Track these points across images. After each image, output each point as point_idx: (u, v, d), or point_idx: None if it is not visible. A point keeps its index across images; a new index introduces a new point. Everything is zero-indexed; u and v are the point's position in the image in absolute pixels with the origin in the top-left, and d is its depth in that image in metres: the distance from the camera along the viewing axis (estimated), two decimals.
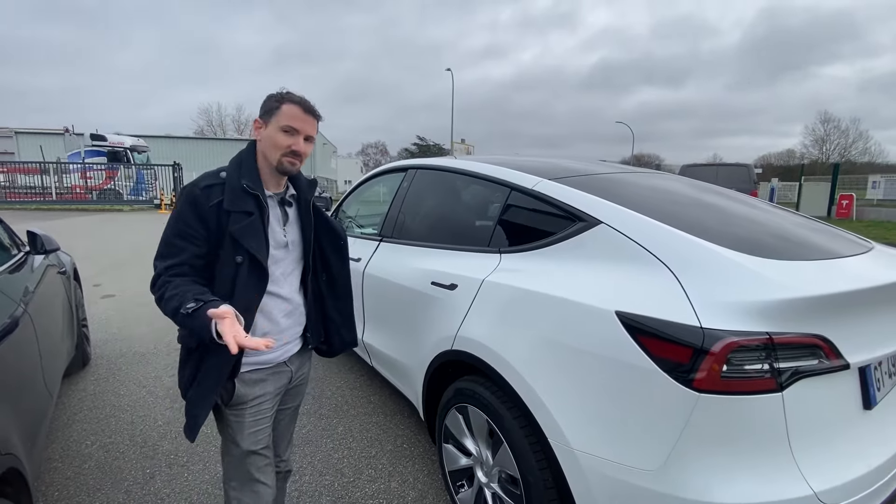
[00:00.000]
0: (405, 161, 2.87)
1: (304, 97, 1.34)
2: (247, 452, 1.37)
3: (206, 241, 1.25)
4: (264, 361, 1.38)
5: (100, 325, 4.39)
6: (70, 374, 3.25)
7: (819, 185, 17.05)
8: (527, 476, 1.50)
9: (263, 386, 1.38)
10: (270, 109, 1.31)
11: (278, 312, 1.39)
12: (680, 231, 1.41)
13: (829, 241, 1.59)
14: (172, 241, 1.25)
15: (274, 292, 1.36)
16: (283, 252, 1.38)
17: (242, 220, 1.26)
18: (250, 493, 1.39)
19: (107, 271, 6.79)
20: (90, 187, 19.75)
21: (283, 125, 1.29)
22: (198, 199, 1.24)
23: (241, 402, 1.34)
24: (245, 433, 1.36)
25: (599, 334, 1.32)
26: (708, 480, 1.15)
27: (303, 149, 1.32)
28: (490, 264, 1.81)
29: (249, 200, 1.27)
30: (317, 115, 1.35)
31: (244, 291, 1.26)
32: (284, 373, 1.45)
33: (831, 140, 51.81)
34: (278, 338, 1.37)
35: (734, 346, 1.11)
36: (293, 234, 1.42)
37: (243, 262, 1.25)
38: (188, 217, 1.24)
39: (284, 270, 1.40)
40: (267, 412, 1.40)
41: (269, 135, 1.30)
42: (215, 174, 1.30)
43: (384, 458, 2.39)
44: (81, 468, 2.27)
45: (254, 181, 1.30)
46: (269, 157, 1.32)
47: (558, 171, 1.96)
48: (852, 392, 1.27)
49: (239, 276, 1.25)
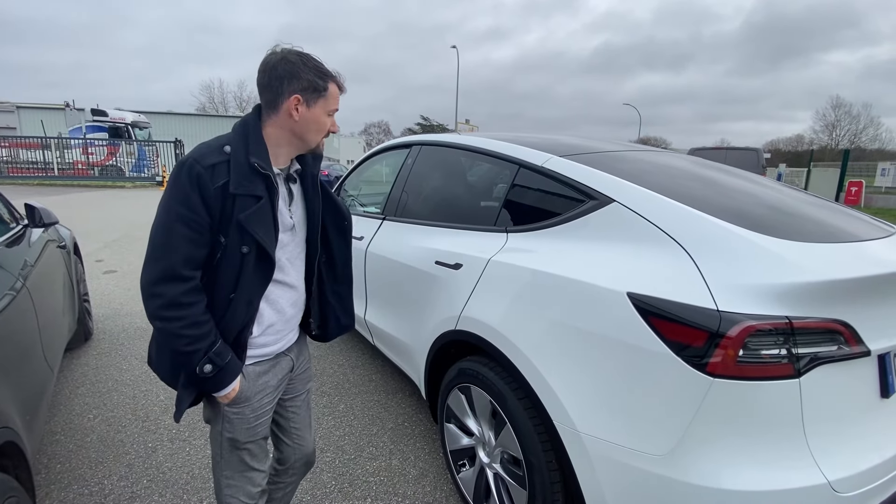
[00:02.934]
0: (410, 137, 2.80)
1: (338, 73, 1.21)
2: (243, 445, 1.26)
3: (210, 228, 1.08)
4: (269, 353, 1.28)
5: (102, 301, 4.39)
6: (72, 349, 3.25)
7: (828, 172, 16.80)
8: (530, 457, 1.48)
9: (265, 378, 1.27)
10: (315, 88, 1.13)
11: (285, 302, 1.26)
12: (696, 210, 1.35)
13: (849, 223, 1.53)
14: (175, 228, 1.05)
15: (280, 280, 1.23)
16: (289, 235, 1.23)
17: (251, 205, 1.09)
18: (242, 479, 1.30)
19: (109, 247, 6.78)
20: (92, 163, 19.64)
21: (331, 109, 1.18)
22: (202, 179, 1.04)
23: (244, 398, 1.22)
24: (243, 428, 1.24)
25: (610, 316, 1.27)
26: (718, 466, 1.12)
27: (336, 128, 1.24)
28: (496, 244, 1.76)
29: (259, 182, 1.10)
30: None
31: (249, 284, 1.13)
32: (285, 363, 1.34)
33: (841, 126, 51.00)
34: (283, 328, 1.29)
35: (752, 331, 1.07)
36: (299, 213, 1.28)
37: (250, 252, 1.11)
38: (192, 200, 1.04)
39: (290, 255, 1.26)
40: (268, 405, 1.29)
41: (315, 117, 1.15)
42: (219, 149, 1.09)
43: (385, 436, 2.39)
44: (83, 441, 2.27)
45: (263, 159, 1.11)
46: (307, 139, 1.18)
47: (569, 147, 1.89)
48: (870, 380, 1.23)
49: (245, 268, 1.11)
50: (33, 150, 19.29)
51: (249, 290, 1.14)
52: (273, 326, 1.25)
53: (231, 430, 1.24)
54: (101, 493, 1.93)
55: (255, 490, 1.32)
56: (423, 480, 2.07)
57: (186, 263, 1.06)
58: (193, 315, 1.06)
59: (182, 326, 1.05)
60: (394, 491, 2.00)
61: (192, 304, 1.07)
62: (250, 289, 1.14)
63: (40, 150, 19.24)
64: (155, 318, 1.06)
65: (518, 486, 1.56)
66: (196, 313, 1.07)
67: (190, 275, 1.07)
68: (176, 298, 1.05)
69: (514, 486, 1.59)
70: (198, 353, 1.07)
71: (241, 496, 1.30)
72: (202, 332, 1.07)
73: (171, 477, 2.04)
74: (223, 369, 1.11)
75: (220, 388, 1.14)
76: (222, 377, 1.12)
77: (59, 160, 19.44)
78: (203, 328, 1.08)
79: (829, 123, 51.76)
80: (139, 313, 4.09)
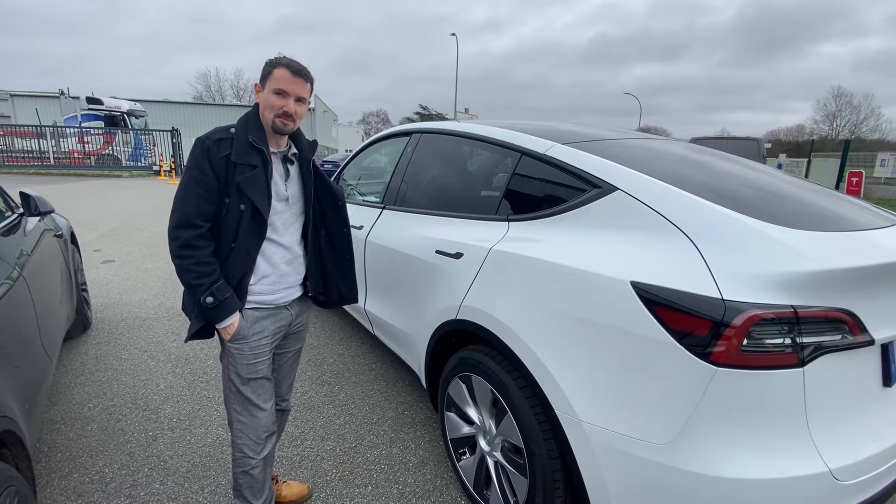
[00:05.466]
0: (409, 125, 2.77)
1: (294, 60, 1.42)
2: (246, 380, 1.48)
3: (217, 189, 1.36)
4: (267, 302, 1.50)
5: (100, 290, 4.37)
6: (71, 339, 3.24)
7: (828, 162, 16.71)
8: (531, 446, 1.48)
9: (263, 323, 1.49)
10: (265, 74, 1.41)
11: (279, 258, 1.51)
12: (699, 198, 1.34)
13: (853, 212, 1.52)
14: (190, 186, 1.35)
15: (275, 240, 1.48)
16: (283, 205, 1.49)
17: (247, 171, 1.37)
18: (248, 416, 1.51)
19: (107, 237, 6.75)
20: (88, 152, 19.47)
21: (274, 88, 1.39)
22: (210, 150, 1.36)
23: (241, 336, 1.45)
24: (243, 363, 1.47)
25: (613, 305, 1.26)
26: (720, 455, 1.12)
27: (293, 109, 1.40)
28: (498, 233, 1.74)
29: (255, 154, 1.38)
30: (306, 77, 1.42)
31: (246, 236, 1.39)
32: (284, 315, 1.56)
33: (842, 116, 50.74)
34: (279, 282, 1.51)
35: (756, 320, 1.06)
36: (294, 189, 1.52)
37: (246, 210, 1.37)
38: (203, 165, 1.35)
39: (285, 222, 1.51)
40: (265, 347, 1.51)
41: (265, 97, 1.41)
42: (225, 129, 1.41)
43: (385, 425, 2.39)
44: (84, 430, 2.28)
45: (259, 137, 1.40)
46: (265, 118, 1.42)
47: (571, 135, 1.87)
48: (873, 369, 1.23)
49: (242, 223, 1.38)
50: (28, 139, 19.09)
51: (246, 241, 1.40)
52: (268, 278, 1.49)
53: (234, 365, 1.47)
54: (102, 482, 1.94)
55: (262, 433, 1.53)
56: (424, 468, 2.08)
57: (198, 214, 1.35)
58: (200, 255, 1.34)
59: (192, 263, 1.34)
60: (394, 479, 2.01)
61: (201, 247, 1.35)
62: (247, 241, 1.40)
63: (35, 139, 19.05)
64: (174, 255, 1.35)
65: (519, 474, 1.57)
66: (203, 255, 1.35)
67: (201, 223, 1.35)
68: (189, 241, 1.33)
69: (515, 474, 1.59)
70: (202, 287, 1.34)
71: (250, 435, 1.51)
72: (207, 270, 1.35)
73: (172, 465, 2.04)
74: (222, 303, 1.36)
75: (220, 320, 1.38)
76: (222, 309, 1.36)
77: (54, 149, 19.27)
78: (208, 268, 1.35)
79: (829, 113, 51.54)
80: (138, 303, 4.08)
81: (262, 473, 1.56)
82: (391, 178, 2.61)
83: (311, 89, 1.46)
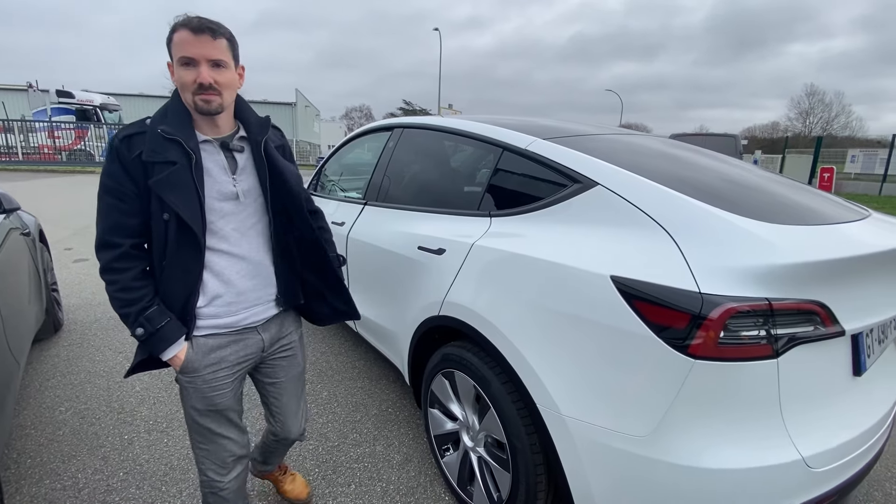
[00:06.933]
0: (391, 119, 2.73)
1: (198, 16, 1.11)
2: (203, 412, 1.27)
3: (137, 196, 1.12)
4: (224, 325, 1.25)
5: (72, 290, 4.24)
6: (41, 340, 3.14)
7: (801, 158, 17.19)
8: (513, 441, 1.48)
9: (220, 353, 1.25)
10: (169, 48, 1.12)
11: (233, 273, 1.23)
12: (678, 193, 1.35)
13: (826, 206, 1.56)
14: (102, 198, 1.13)
15: (225, 250, 1.21)
16: (233, 205, 1.21)
17: (164, 171, 1.10)
18: (210, 443, 1.30)
19: (79, 234, 6.54)
20: (59, 147, 18.84)
21: (179, 58, 1.10)
22: (119, 151, 1.11)
23: (192, 368, 1.22)
24: (198, 396, 1.26)
25: (593, 299, 1.27)
26: (698, 446, 1.14)
27: (208, 78, 1.09)
28: (480, 228, 1.73)
29: (171, 148, 1.11)
30: (214, 31, 1.10)
31: (178, 252, 1.14)
32: (252, 340, 1.30)
33: (815, 113, 52.18)
34: (237, 301, 1.25)
35: (733, 312, 1.07)
36: (248, 182, 1.23)
37: (171, 219, 1.12)
38: (113, 170, 1.11)
39: (239, 226, 1.23)
40: (225, 380, 1.27)
41: (177, 76, 1.12)
42: (140, 123, 1.15)
43: (369, 423, 2.38)
44: (55, 435, 2.20)
45: (175, 126, 1.13)
46: (186, 101, 1.15)
47: (552, 130, 1.87)
48: (843, 359, 1.26)
49: (169, 235, 1.13)
50: None
51: (180, 257, 1.15)
52: (221, 298, 1.23)
53: (187, 397, 1.27)
54: (75, 487, 1.88)
55: (227, 457, 1.32)
56: (408, 465, 2.07)
57: (114, 231, 1.13)
58: (124, 280, 1.13)
59: (115, 290, 1.13)
60: (378, 477, 2.00)
61: (123, 269, 1.13)
62: (181, 256, 1.15)
63: (2, 134, 18.34)
64: (102, 274, 1.15)
65: (502, 469, 1.57)
66: (126, 279, 1.13)
67: (119, 242, 1.13)
68: (108, 264, 1.13)
69: (498, 469, 1.60)
70: (129, 316, 1.14)
71: (212, 461, 1.31)
72: (133, 296, 1.13)
73: (148, 469, 1.99)
74: (154, 335, 1.14)
75: (158, 352, 1.17)
76: (155, 342, 1.15)
77: (23, 144, 18.57)
78: (134, 293, 1.13)
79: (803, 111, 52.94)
80: None
81: (233, 494, 1.37)
82: (373, 174, 2.58)
83: (230, 47, 1.14)
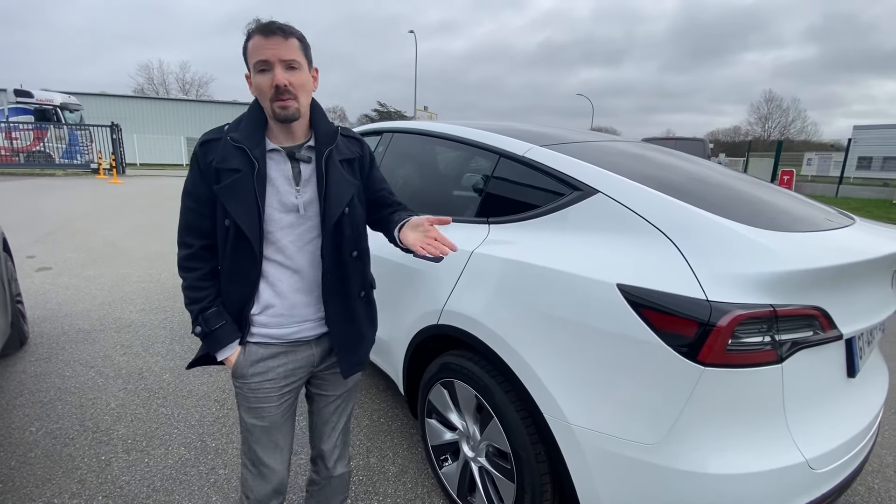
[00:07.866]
0: (381, 123, 2.69)
1: (269, 21, 1.11)
2: (251, 425, 1.27)
3: (210, 201, 1.17)
4: (275, 336, 1.24)
5: (37, 301, 4.00)
6: (6, 356, 2.95)
7: (763, 161, 17.99)
8: (518, 451, 1.47)
9: (268, 363, 1.24)
10: (244, 54, 1.14)
11: (286, 286, 1.21)
12: (678, 201, 1.37)
13: (815, 213, 1.61)
14: (183, 199, 1.20)
15: (280, 262, 1.20)
16: (294, 217, 1.18)
17: (228, 178, 1.13)
18: (256, 470, 1.28)
19: (42, 242, 6.20)
20: (16, 149, 17.84)
21: (254, 64, 1.11)
22: (197, 156, 1.17)
23: (240, 373, 1.24)
24: (245, 405, 1.27)
25: (600, 308, 1.27)
26: (706, 452, 1.15)
27: (283, 80, 1.09)
28: (478, 236, 1.72)
29: (237, 156, 1.13)
30: (286, 33, 1.10)
31: (235, 258, 1.18)
32: (304, 354, 1.27)
33: (773, 118, 54.60)
34: (288, 314, 1.23)
35: (741, 319, 1.09)
36: (308, 194, 1.19)
37: (231, 226, 1.15)
38: (193, 175, 1.18)
39: (297, 239, 1.20)
40: (271, 392, 1.25)
41: (254, 84, 1.13)
42: (219, 129, 1.19)
43: (361, 434, 2.33)
44: (26, 457, 2.07)
45: (245, 134, 1.15)
46: (266, 109, 1.15)
47: (549, 137, 1.88)
48: (838, 362, 1.30)
49: (228, 241, 1.16)
50: None
51: (238, 263, 1.18)
52: (272, 308, 1.22)
53: (239, 403, 1.29)
54: None
55: (268, 489, 1.30)
56: (404, 477, 2.03)
57: (189, 231, 1.20)
58: (191, 279, 1.20)
59: (184, 287, 1.22)
60: (374, 490, 1.95)
61: (193, 269, 1.21)
62: (239, 263, 1.18)
63: None
64: (179, 271, 1.23)
65: (505, 479, 1.56)
66: (193, 277, 1.20)
67: (191, 242, 1.20)
68: (181, 262, 1.21)
69: (501, 479, 1.58)
70: (192, 313, 1.20)
71: (254, 489, 1.30)
72: (197, 296, 1.20)
73: (129, 491, 1.89)
74: (209, 335, 1.19)
75: (213, 352, 1.22)
76: (210, 342, 1.20)
77: None
78: (198, 293, 1.20)
79: (762, 116, 55.32)
80: (80, 314, 3.77)
81: None
82: None
83: (302, 47, 1.14)
